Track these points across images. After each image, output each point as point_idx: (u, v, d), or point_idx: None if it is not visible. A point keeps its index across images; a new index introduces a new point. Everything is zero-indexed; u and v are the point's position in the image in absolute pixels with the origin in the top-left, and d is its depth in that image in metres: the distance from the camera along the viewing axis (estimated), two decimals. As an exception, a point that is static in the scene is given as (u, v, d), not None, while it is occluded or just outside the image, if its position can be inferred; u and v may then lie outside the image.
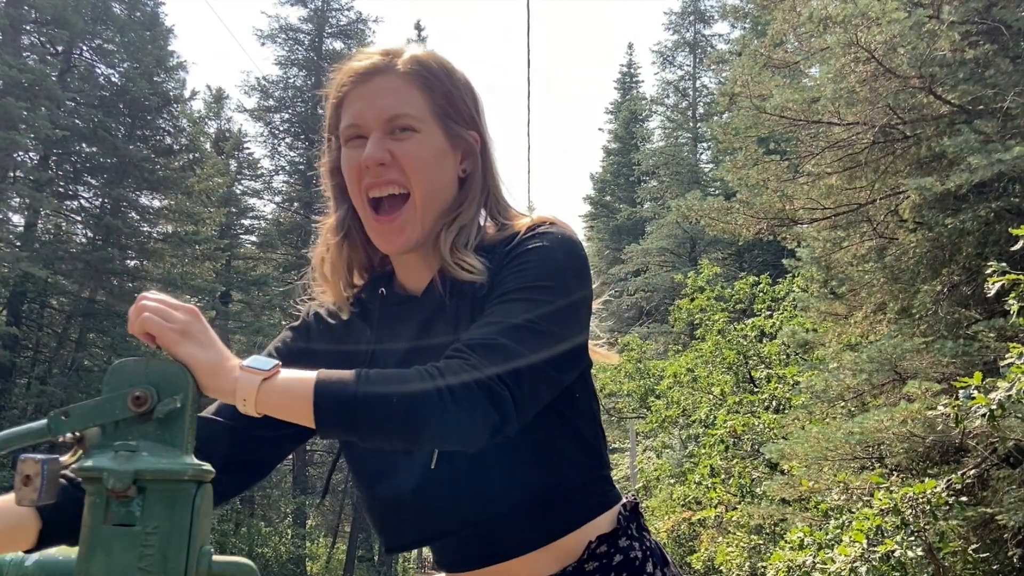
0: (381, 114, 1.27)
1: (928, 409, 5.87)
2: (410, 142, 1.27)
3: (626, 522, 1.31)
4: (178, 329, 1.02)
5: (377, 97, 1.28)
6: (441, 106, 1.30)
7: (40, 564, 0.94)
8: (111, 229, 22.21)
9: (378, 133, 1.27)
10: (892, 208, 7.77)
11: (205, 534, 0.91)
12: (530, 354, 1.12)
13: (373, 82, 1.29)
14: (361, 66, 1.30)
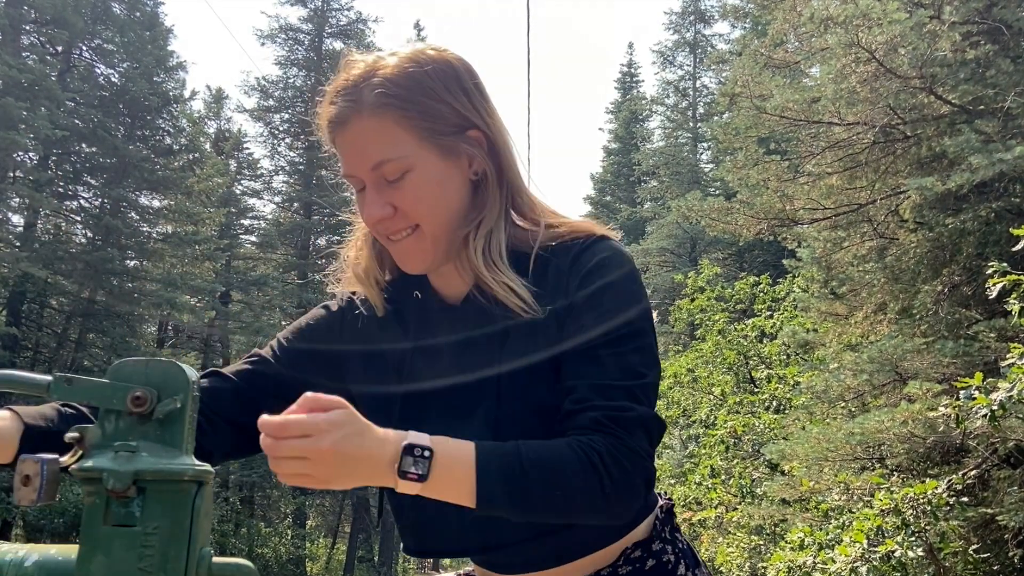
0: (365, 165, 1.19)
1: (929, 409, 5.86)
2: (407, 186, 1.18)
3: (661, 526, 1.32)
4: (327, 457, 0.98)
5: (356, 148, 1.19)
6: (426, 128, 1.19)
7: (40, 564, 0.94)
8: (111, 229, 22.22)
9: (372, 183, 1.20)
10: (893, 208, 7.77)
11: (205, 536, 0.91)
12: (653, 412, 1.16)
13: (348, 130, 1.19)
14: (331, 114, 1.21)
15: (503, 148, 1.25)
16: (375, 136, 1.17)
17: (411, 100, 1.17)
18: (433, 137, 1.19)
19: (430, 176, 1.19)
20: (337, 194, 30.55)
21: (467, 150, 1.22)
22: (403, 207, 1.19)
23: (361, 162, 1.19)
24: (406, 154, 1.18)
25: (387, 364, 1.31)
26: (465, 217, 1.23)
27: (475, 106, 1.23)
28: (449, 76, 1.21)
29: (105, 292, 22.28)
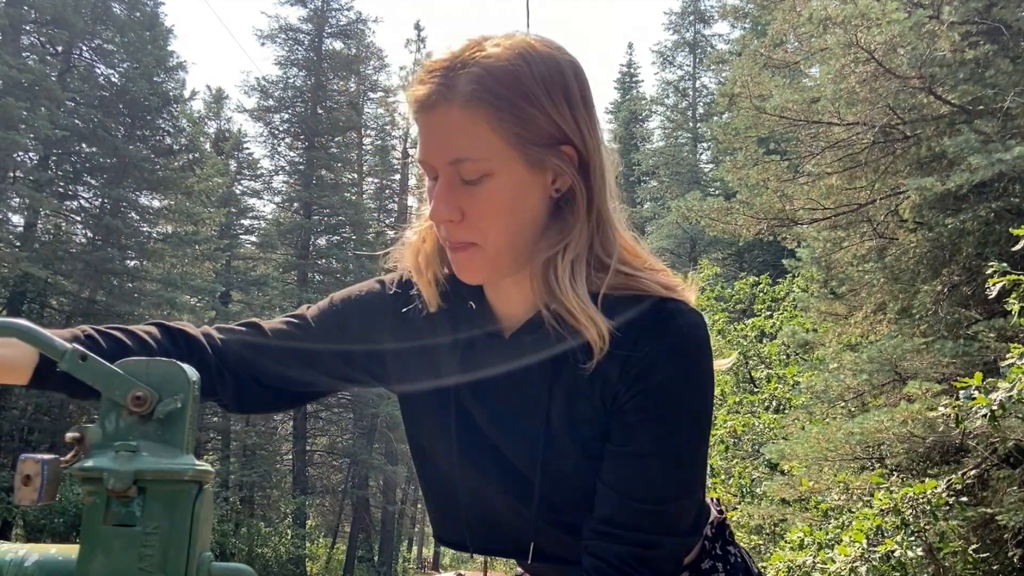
0: (444, 157, 1.09)
1: (928, 409, 5.87)
2: (482, 192, 1.08)
3: (711, 544, 1.28)
4: None
5: (439, 137, 1.09)
6: (517, 134, 1.07)
7: (40, 564, 0.94)
8: (111, 229, 22.22)
9: (446, 179, 1.10)
10: (892, 208, 7.78)
11: (206, 540, 0.91)
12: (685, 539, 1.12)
13: (434, 115, 1.09)
14: (420, 94, 1.10)
15: (596, 170, 1.13)
16: (462, 131, 1.08)
17: (508, 101, 1.07)
18: (522, 145, 1.08)
19: (509, 185, 1.09)
20: (337, 194, 30.60)
21: (555, 164, 1.10)
22: (471, 216, 1.10)
23: (441, 153, 1.10)
24: (489, 157, 1.08)
25: (429, 365, 1.26)
26: (538, 235, 1.13)
27: (576, 119, 1.11)
28: (554, 82, 1.09)
29: (105, 292, 22.29)
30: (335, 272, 30.91)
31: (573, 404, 1.14)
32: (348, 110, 31.11)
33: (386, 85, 34.15)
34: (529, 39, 1.11)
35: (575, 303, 1.08)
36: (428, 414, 1.27)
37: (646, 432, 1.08)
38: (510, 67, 1.07)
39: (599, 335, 1.07)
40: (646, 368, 1.07)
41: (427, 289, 1.23)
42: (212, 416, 27.06)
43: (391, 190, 34.82)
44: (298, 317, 1.32)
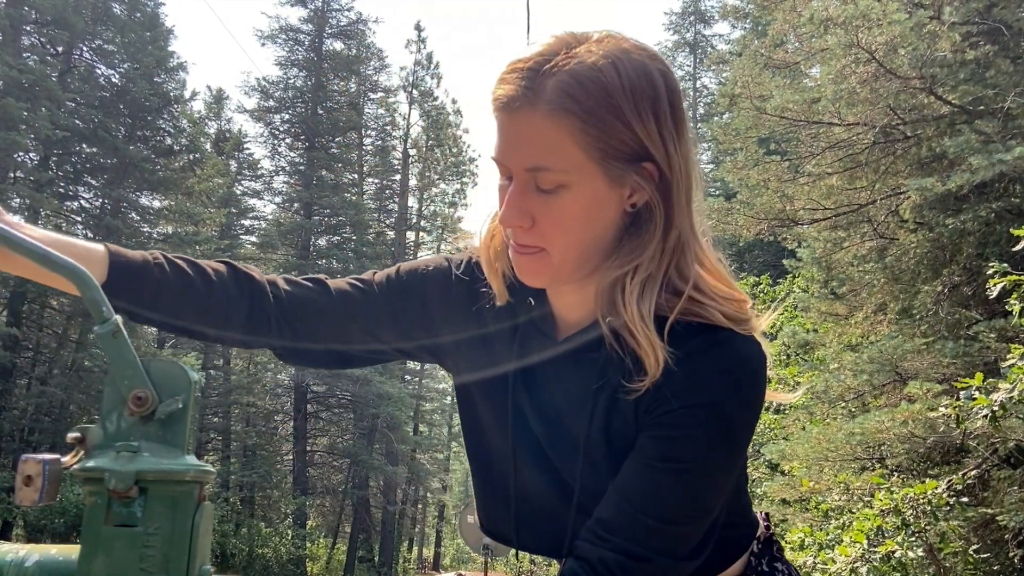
0: (522, 163, 1.05)
1: (929, 410, 5.87)
2: (555, 202, 1.05)
3: (756, 560, 1.26)
4: None
5: (519, 140, 1.05)
6: (600, 148, 1.03)
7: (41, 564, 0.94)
8: (111, 230, 22.22)
9: (520, 184, 1.06)
10: (893, 208, 7.78)
11: (205, 552, 0.91)
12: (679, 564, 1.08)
13: (515, 118, 1.04)
14: (502, 94, 1.05)
15: (678, 189, 1.08)
16: (543, 139, 1.03)
17: (595, 114, 1.02)
18: (603, 159, 1.04)
19: (584, 198, 1.05)
20: (337, 195, 30.61)
21: (634, 181, 1.06)
22: (542, 224, 1.07)
23: (518, 158, 1.05)
24: (568, 169, 1.03)
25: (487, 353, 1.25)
26: (609, 250, 1.10)
27: (662, 135, 1.05)
28: (644, 95, 1.04)
29: (105, 292, 22.29)
30: (335, 272, 30.88)
31: (611, 416, 1.12)
32: (348, 110, 31.12)
33: (386, 85, 34.18)
34: (623, 43, 1.06)
35: (639, 326, 1.05)
36: (484, 403, 1.26)
37: (668, 447, 1.05)
38: (600, 78, 1.02)
39: (656, 362, 1.05)
40: (685, 388, 1.05)
41: (496, 283, 1.21)
42: (213, 416, 27.07)
43: (391, 191, 34.82)
44: (363, 281, 1.31)
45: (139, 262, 1.18)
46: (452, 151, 35.64)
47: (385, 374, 27.15)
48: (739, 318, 1.09)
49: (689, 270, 1.09)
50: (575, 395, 1.15)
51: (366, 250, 30.48)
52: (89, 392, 20.86)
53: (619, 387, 1.10)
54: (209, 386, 26.19)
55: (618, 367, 1.10)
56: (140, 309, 1.16)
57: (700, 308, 1.08)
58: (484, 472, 1.29)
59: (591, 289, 1.13)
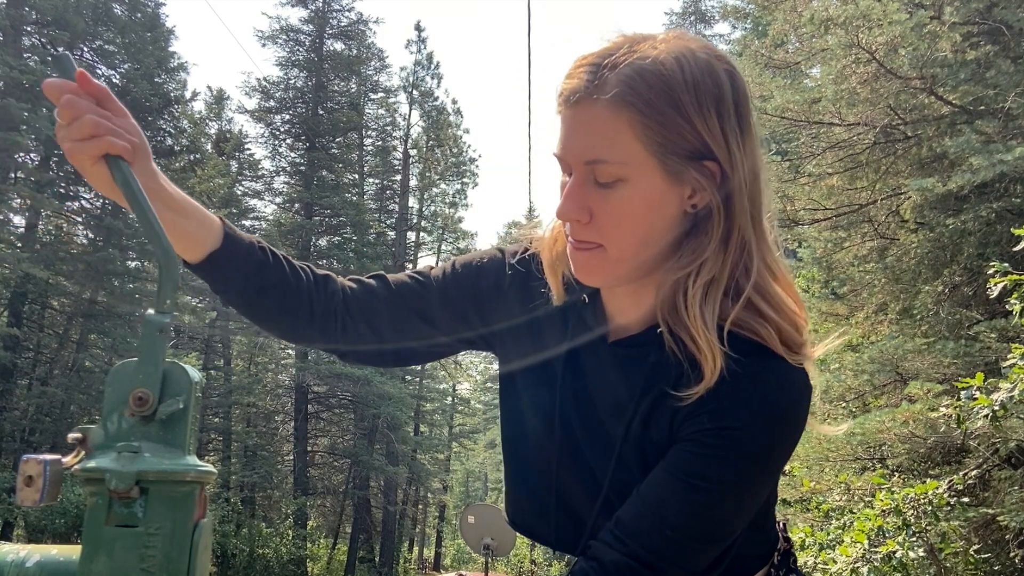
0: (581, 156, 1.05)
1: (930, 410, 5.87)
2: (614, 197, 1.04)
3: (776, 571, 1.25)
4: None
5: (579, 132, 1.05)
6: (660, 143, 1.02)
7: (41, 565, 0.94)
8: (112, 230, 22.23)
9: (580, 177, 1.06)
10: (893, 209, 7.78)
11: (205, 568, 0.91)
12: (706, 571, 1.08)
13: (578, 110, 1.04)
14: (566, 88, 1.06)
15: (741, 190, 1.05)
16: (603, 130, 1.03)
17: (656, 107, 1.01)
18: (663, 154, 1.03)
19: (643, 194, 1.04)
20: (338, 195, 30.62)
21: (694, 179, 1.05)
22: (600, 219, 1.06)
23: (578, 151, 1.05)
24: (627, 161, 1.03)
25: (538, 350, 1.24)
26: (668, 250, 1.09)
27: (725, 135, 1.04)
28: (708, 92, 1.03)
29: (106, 293, 22.30)
30: (336, 273, 30.81)
31: (649, 423, 1.11)
32: (349, 111, 31.12)
33: (387, 86, 34.19)
34: (688, 42, 1.06)
35: (701, 331, 1.04)
36: (529, 396, 1.26)
37: (698, 464, 1.04)
38: (663, 71, 1.02)
39: (714, 368, 1.03)
40: (726, 409, 1.03)
41: (556, 286, 1.21)
42: (213, 417, 27.07)
43: (392, 191, 34.82)
44: (421, 274, 1.33)
45: (247, 241, 1.22)
46: (452, 151, 35.66)
47: (386, 374, 27.14)
48: (795, 342, 1.07)
49: (756, 276, 1.06)
50: (619, 397, 1.15)
51: (366, 250, 30.47)
52: (90, 392, 20.86)
53: (664, 394, 1.09)
54: (210, 386, 26.19)
55: (667, 373, 1.09)
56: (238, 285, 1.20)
57: (760, 323, 1.06)
58: (521, 465, 1.28)
59: (647, 291, 1.12)
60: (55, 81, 1.02)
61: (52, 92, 1.02)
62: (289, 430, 29.66)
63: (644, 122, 1.01)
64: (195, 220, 1.16)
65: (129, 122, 1.07)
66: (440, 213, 35.84)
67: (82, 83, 1.03)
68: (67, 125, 1.02)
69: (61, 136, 1.03)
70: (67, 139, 1.03)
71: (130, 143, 1.05)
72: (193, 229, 1.15)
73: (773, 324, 1.06)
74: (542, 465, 1.24)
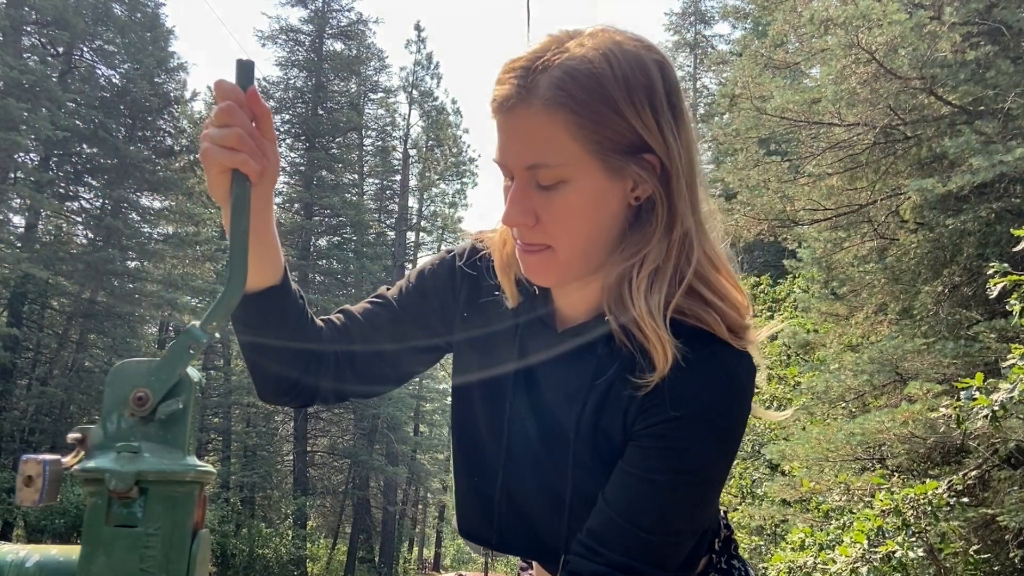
0: (521, 161, 1.06)
1: (929, 410, 5.87)
2: (558, 198, 1.05)
3: (718, 558, 1.28)
4: None
5: (516, 139, 1.05)
6: (596, 140, 1.03)
7: (41, 565, 0.94)
8: (112, 230, 22.23)
9: (522, 182, 1.07)
10: (893, 209, 7.78)
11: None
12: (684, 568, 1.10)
13: (512, 117, 1.05)
14: (499, 94, 1.06)
15: (680, 179, 1.07)
16: (539, 135, 1.03)
17: (589, 107, 1.02)
18: (602, 152, 1.03)
19: (586, 193, 1.05)
20: (338, 195, 30.61)
21: (635, 172, 1.05)
22: (545, 220, 1.07)
23: (517, 157, 1.06)
24: (567, 163, 1.03)
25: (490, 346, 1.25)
26: (614, 244, 1.10)
27: (660, 126, 1.04)
28: (639, 85, 1.03)
29: (106, 293, 22.29)
30: (336, 273, 30.91)
31: (600, 414, 1.12)
32: (349, 111, 31.13)
33: (387, 86, 34.18)
34: (615, 35, 1.06)
35: (647, 321, 1.05)
36: (481, 399, 1.27)
37: (660, 459, 1.04)
38: (593, 70, 1.02)
39: (665, 358, 1.04)
40: (676, 399, 1.04)
41: (510, 289, 1.22)
42: (213, 417, 27.07)
43: (392, 191, 34.83)
44: (381, 297, 1.33)
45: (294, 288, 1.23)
46: (452, 151, 35.66)
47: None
48: (739, 326, 1.08)
49: (697, 264, 1.08)
50: (570, 387, 1.15)
51: (366, 250, 30.47)
52: (89, 392, 20.86)
53: (614, 384, 1.10)
54: (210, 387, 26.19)
55: (618, 363, 1.10)
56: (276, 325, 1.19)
57: (705, 311, 1.07)
58: (472, 469, 1.28)
59: (595, 286, 1.13)
60: (229, 86, 1.03)
61: (221, 93, 1.03)
62: (289, 430, 29.67)
63: (579, 122, 1.02)
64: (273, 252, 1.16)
65: (272, 148, 1.07)
66: (440, 213, 35.84)
67: (251, 99, 1.03)
68: (217, 127, 1.03)
69: (207, 135, 1.03)
70: (210, 140, 1.03)
71: (263, 168, 1.05)
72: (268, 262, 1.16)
73: (717, 310, 1.07)
74: (493, 464, 1.24)
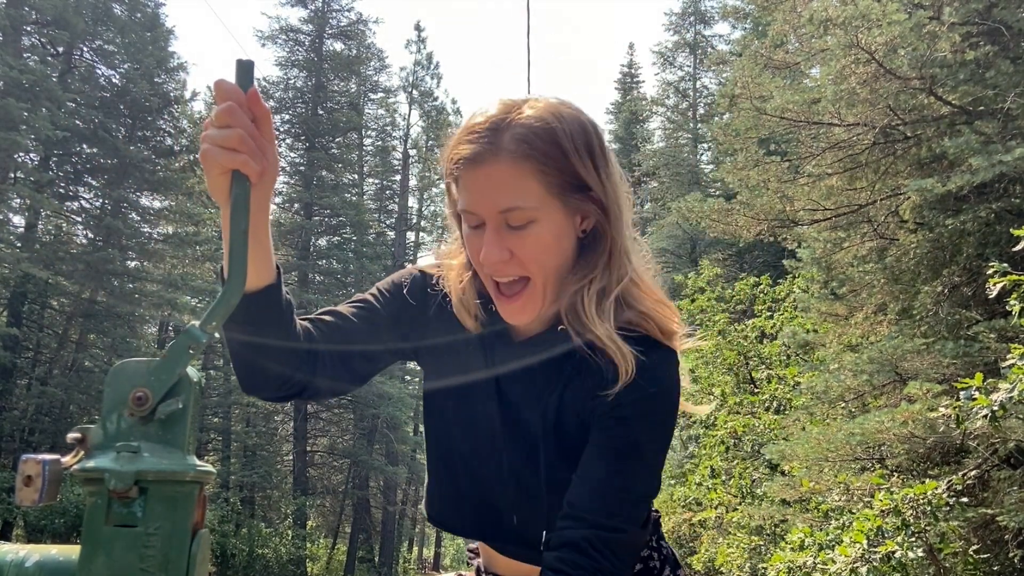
0: (494, 207, 1.23)
1: (929, 410, 5.86)
2: (529, 236, 1.24)
3: (650, 536, 1.45)
4: None
5: (489, 188, 1.23)
6: (556, 183, 1.24)
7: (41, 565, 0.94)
8: (111, 230, 22.22)
9: (494, 224, 1.24)
10: (893, 209, 7.78)
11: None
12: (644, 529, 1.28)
13: (483, 169, 1.22)
14: (467, 152, 1.23)
15: (615, 215, 1.29)
16: (510, 182, 1.22)
17: (549, 155, 1.22)
18: (560, 193, 1.24)
19: (551, 229, 1.25)
20: (338, 195, 30.61)
21: (583, 208, 1.27)
22: (520, 255, 1.24)
23: (491, 203, 1.23)
24: (535, 205, 1.23)
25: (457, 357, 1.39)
26: (570, 271, 1.30)
27: (597, 170, 1.27)
28: (582, 140, 1.26)
29: (106, 293, 22.29)
30: (335, 273, 30.91)
31: (562, 413, 1.31)
32: (349, 111, 31.11)
33: (387, 86, 34.17)
34: (554, 102, 1.28)
35: (603, 333, 1.24)
36: (452, 406, 1.41)
37: (625, 434, 1.24)
38: (548, 127, 1.23)
39: (627, 368, 1.22)
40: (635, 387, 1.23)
41: (468, 322, 1.37)
42: (213, 417, 27.06)
43: (392, 191, 34.83)
44: (363, 300, 1.43)
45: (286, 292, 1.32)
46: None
47: (385, 374, 27.13)
48: (669, 331, 1.30)
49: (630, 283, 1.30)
50: (532, 392, 1.33)
51: (366, 250, 30.47)
52: (89, 392, 20.86)
53: (573, 383, 1.29)
54: (209, 386, 26.19)
55: (572, 368, 1.29)
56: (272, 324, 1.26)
57: (643, 319, 1.29)
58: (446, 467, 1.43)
59: (550, 308, 1.30)
60: (229, 86, 1.05)
61: (221, 93, 1.05)
62: (288, 430, 29.66)
63: (544, 170, 1.22)
64: (268, 253, 1.26)
65: (272, 150, 1.11)
66: (440, 213, 35.80)
67: (252, 99, 1.06)
68: (218, 128, 1.05)
69: (207, 135, 1.06)
70: (210, 141, 1.05)
71: (263, 169, 1.09)
72: (264, 262, 1.26)
73: (653, 319, 1.29)
74: (465, 463, 1.40)
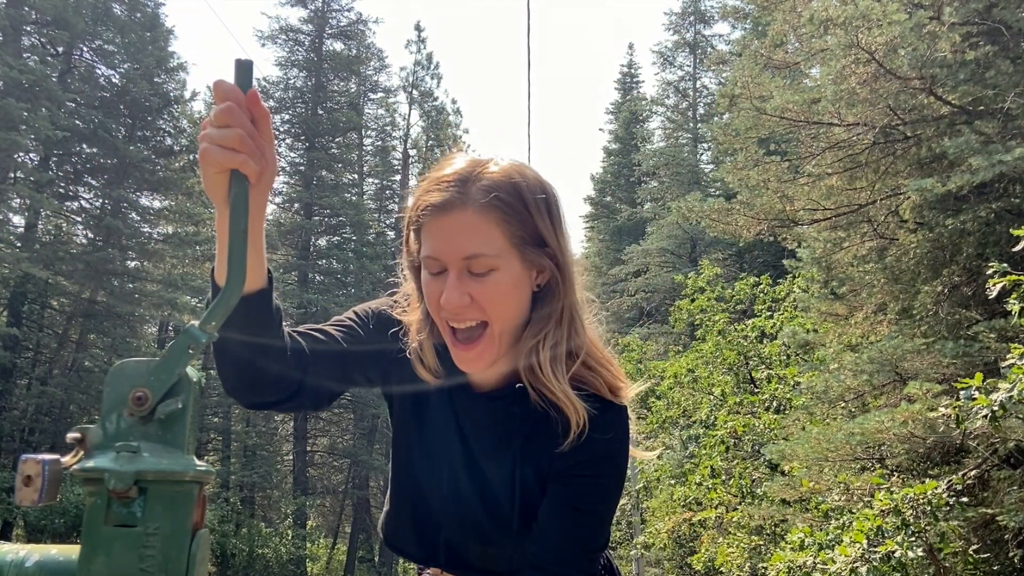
0: (459, 253, 1.27)
1: (929, 410, 5.87)
2: (490, 283, 1.28)
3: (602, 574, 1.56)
4: None
5: (454, 235, 1.27)
6: (518, 235, 1.30)
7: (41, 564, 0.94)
8: (111, 230, 22.22)
9: (456, 270, 1.28)
10: (892, 209, 7.78)
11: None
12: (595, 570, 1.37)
13: (450, 217, 1.28)
14: (436, 200, 1.29)
15: (569, 274, 1.36)
16: (476, 230, 1.27)
17: (514, 207, 1.29)
18: (521, 245, 1.30)
19: (510, 279, 1.30)
20: (337, 195, 30.61)
21: (539, 263, 1.33)
22: (481, 301, 1.29)
23: (455, 250, 1.27)
24: (496, 253, 1.28)
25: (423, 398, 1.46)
26: (523, 320, 1.35)
27: (555, 229, 1.34)
28: (540, 197, 1.33)
29: (106, 293, 22.29)
30: (335, 273, 30.91)
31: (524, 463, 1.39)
32: (348, 111, 31.12)
33: (387, 86, 34.17)
34: (519, 164, 1.35)
35: (557, 387, 1.32)
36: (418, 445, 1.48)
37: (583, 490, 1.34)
38: (513, 182, 1.30)
39: (578, 420, 1.31)
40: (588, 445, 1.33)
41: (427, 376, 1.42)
42: (213, 417, 27.05)
43: (391, 191, 34.81)
44: (340, 322, 1.47)
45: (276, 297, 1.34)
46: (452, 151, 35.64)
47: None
48: (617, 388, 1.38)
49: (582, 339, 1.37)
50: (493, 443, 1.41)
51: (366, 250, 30.47)
52: (89, 392, 20.86)
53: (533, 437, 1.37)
54: (209, 386, 26.18)
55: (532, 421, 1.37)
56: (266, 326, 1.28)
57: (593, 376, 1.37)
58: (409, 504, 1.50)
59: (505, 360, 1.36)
60: (228, 87, 1.05)
61: (220, 94, 1.05)
62: (288, 430, 29.66)
63: (507, 220, 1.28)
64: (262, 255, 1.28)
65: (271, 151, 1.11)
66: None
67: (251, 100, 1.07)
68: (217, 128, 1.05)
69: (205, 135, 1.06)
70: (209, 140, 1.05)
71: (261, 169, 1.09)
72: (259, 265, 1.27)
73: (601, 377, 1.37)
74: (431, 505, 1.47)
